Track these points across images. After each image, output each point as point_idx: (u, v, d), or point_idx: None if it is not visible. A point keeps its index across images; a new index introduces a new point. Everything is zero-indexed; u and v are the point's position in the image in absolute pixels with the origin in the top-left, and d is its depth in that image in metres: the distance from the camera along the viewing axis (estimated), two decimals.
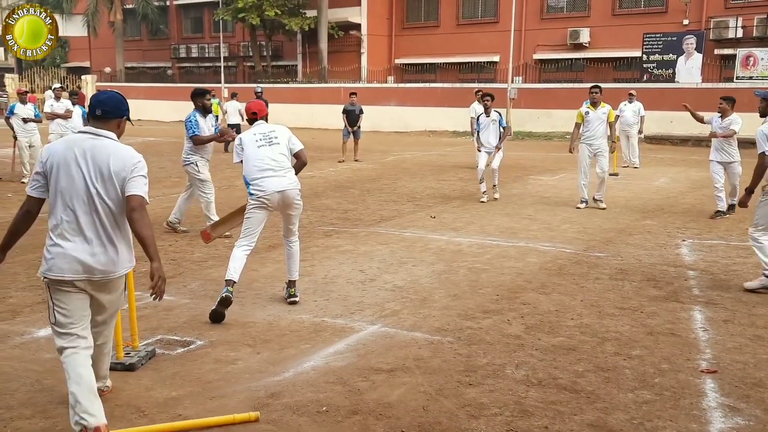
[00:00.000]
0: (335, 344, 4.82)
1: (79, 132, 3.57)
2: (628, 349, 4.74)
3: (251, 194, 5.56)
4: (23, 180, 13.03)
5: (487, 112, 11.06)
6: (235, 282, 5.42)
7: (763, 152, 6.36)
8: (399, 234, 8.53)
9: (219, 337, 4.95)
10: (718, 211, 9.85)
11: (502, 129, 11.08)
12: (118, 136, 3.59)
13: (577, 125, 10.56)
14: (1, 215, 9.74)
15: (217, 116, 26.60)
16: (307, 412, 3.78)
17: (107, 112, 3.54)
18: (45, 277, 3.44)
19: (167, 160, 16.40)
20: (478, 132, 11.26)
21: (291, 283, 5.81)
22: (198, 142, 8.32)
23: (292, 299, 5.73)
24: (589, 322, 5.28)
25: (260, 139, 5.62)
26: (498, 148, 11.05)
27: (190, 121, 8.31)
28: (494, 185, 11.21)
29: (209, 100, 8.64)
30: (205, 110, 8.44)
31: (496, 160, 11.05)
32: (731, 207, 9.90)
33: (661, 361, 4.52)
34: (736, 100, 10.23)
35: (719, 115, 9.92)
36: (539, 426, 3.63)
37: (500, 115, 11.19)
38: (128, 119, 3.67)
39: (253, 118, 5.78)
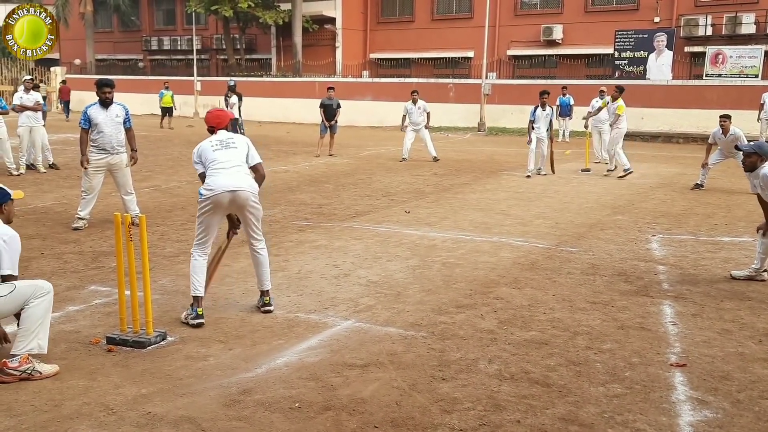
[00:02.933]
0: (308, 340, 4.79)
1: None
2: (599, 343, 4.79)
3: (201, 194, 5.12)
4: None
5: (543, 107, 13.55)
6: (203, 297, 5.15)
7: None
8: (373, 229, 8.52)
9: (190, 333, 4.90)
10: (698, 184, 11.88)
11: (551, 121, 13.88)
12: (7, 219, 4.32)
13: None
14: None
15: (171, 108, 26.28)
16: (280, 408, 3.76)
17: None
18: None
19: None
20: (532, 121, 13.66)
21: (264, 293, 5.42)
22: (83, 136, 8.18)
23: (266, 308, 5.35)
24: (561, 317, 5.32)
25: (216, 144, 5.26)
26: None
27: (84, 113, 8.10)
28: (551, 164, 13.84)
29: (107, 93, 8.08)
30: (102, 103, 8.07)
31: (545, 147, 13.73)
32: None
33: (631, 355, 4.57)
34: (706, 97, 10.75)
35: (721, 131, 11.48)
36: (512, 420, 3.65)
37: (552, 109, 13.95)
38: (9, 202, 4.38)
39: (211, 130, 5.41)
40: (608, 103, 14.14)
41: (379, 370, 4.26)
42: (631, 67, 25.50)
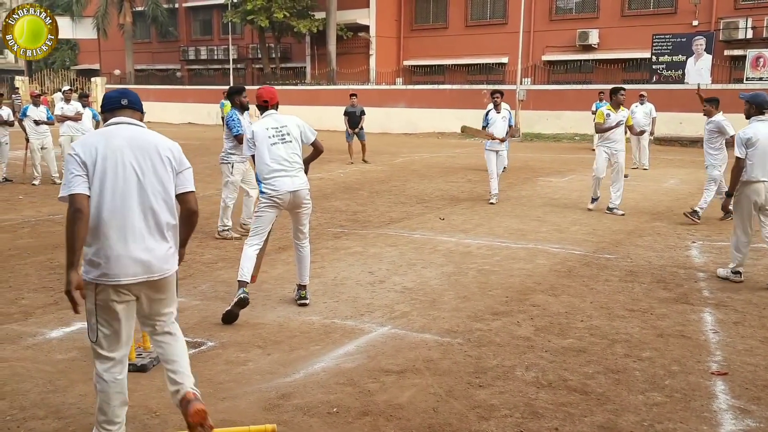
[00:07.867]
0: (345, 346, 4.83)
1: (113, 123, 3.30)
2: (638, 350, 4.74)
3: (263, 192, 5.52)
4: (34, 182, 13.14)
5: (497, 108, 11.02)
6: (248, 282, 5.45)
7: (738, 157, 6.52)
8: (408, 236, 8.55)
9: (230, 339, 4.98)
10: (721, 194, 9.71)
11: (509, 127, 11.20)
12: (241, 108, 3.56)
13: (599, 124, 10.31)
14: (12, 217, 9.83)
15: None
16: (318, 413, 3.80)
17: (133, 102, 3.39)
18: (97, 284, 3.13)
19: None
20: (485, 127, 11.11)
21: (301, 287, 5.83)
22: (241, 140, 7.79)
23: (302, 301, 5.75)
24: (599, 324, 5.28)
25: (273, 135, 5.53)
26: (502, 139, 11.01)
27: (233, 119, 7.99)
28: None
29: (245, 97, 8.17)
30: (242, 108, 8.13)
31: (500, 163, 11.02)
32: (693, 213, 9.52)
33: (671, 363, 4.51)
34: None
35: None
36: (549, 428, 3.64)
37: (510, 112, 11.21)
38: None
39: (264, 105, 5.67)
40: (604, 113, 10.20)
41: (415, 376, 4.28)
42: (669, 72, 25.09)
